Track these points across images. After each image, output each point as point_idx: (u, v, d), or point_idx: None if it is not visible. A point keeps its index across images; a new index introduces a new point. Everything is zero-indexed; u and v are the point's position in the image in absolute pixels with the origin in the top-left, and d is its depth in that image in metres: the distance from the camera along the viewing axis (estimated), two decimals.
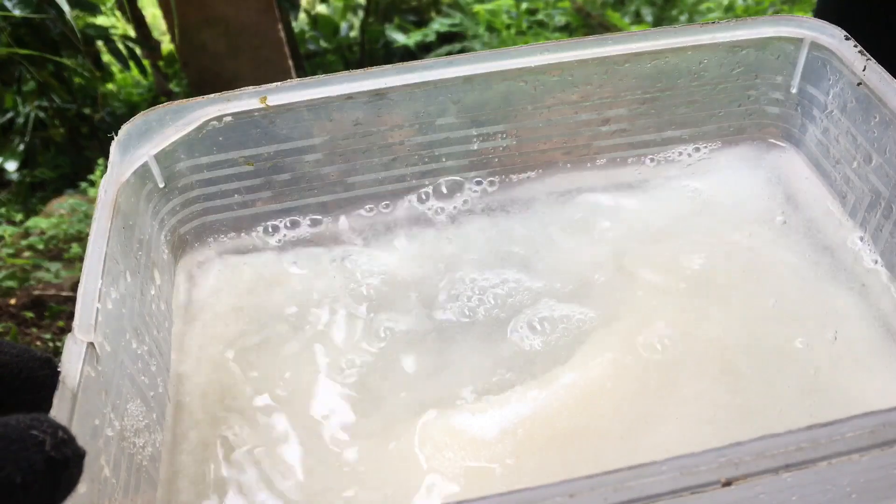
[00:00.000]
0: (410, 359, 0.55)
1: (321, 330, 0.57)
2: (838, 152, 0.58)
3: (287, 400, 0.53)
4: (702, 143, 0.65)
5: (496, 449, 0.47)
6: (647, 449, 0.46)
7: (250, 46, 1.90)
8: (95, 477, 0.38)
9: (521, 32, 2.30)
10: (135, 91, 2.50)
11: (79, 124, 2.08)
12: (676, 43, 0.60)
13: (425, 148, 0.62)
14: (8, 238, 1.68)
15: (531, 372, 0.52)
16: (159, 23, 2.64)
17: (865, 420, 0.32)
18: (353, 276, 0.61)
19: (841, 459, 0.31)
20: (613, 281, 0.58)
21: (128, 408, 0.45)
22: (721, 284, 0.57)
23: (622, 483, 0.30)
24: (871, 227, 0.55)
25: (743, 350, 0.52)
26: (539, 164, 0.65)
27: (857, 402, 0.48)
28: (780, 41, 0.60)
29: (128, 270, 0.49)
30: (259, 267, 0.63)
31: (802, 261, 0.57)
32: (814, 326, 0.53)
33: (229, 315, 0.59)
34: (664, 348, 0.52)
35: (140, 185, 0.55)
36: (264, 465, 0.49)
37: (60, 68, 1.85)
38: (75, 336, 0.40)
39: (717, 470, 0.31)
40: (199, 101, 0.58)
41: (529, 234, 0.63)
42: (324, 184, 0.63)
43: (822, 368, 0.50)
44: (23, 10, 1.49)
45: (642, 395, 0.49)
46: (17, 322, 1.41)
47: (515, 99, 0.61)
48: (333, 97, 0.59)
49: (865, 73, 0.53)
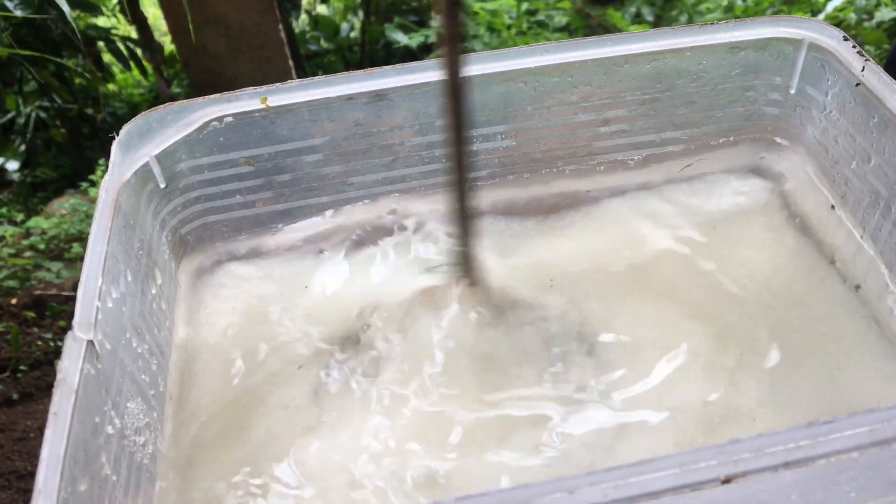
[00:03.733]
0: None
1: (321, 328, 0.57)
2: (837, 152, 0.58)
3: (288, 396, 0.53)
4: (701, 143, 0.65)
5: None
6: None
7: (251, 47, 1.90)
8: (96, 474, 0.39)
9: (521, 33, 2.30)
10: (136, 91, 2.50)
11: (80, 124, 2.08)
12: (676, 44, 0.60)
13: (425, 148, 0.63)
14: (9, 238, 1.68)
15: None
16: (160, 23, 2.64)
17: (864, 418, 0.32)
18: (355, 276, 0.62)
19: (840, 457, 0.31)
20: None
21: (128, 406, 0.45)
22: (721, 282, 0.57)
23: (622, 480, 0.30)
24: (870, 226, 0.55)
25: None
26: (539, 165, 0.65)
27: (856, 402, 0.48)
28: (780, 42, 0.60)
29: (128, 270, 0.50)
30: (259, 266, 0.63)
31: (801, 260, 0.58)
32: (814, 326, 0.53)
33: (230, 313, 0.59)
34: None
35: (141, 185, 0.56)
36: (265, 463, 0.49)
37: (61, 69, 1.85)
38: (75, 334, 0.41)
39: (716, 467, 0.31)
40: (200, 101, 0.58)
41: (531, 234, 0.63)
42: (324, 184, 0.63)
43: (821, 368, 0.50)
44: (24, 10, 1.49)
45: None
46: (18, 322, 1.41)
47: (515, 100, 0.61)
48: (334, 98, 0.59)
49: (864, 73, 0.53)
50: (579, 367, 0.52)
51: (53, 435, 0.36)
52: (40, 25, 1.67)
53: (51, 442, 0.36)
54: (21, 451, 1.19)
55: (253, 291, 0.61)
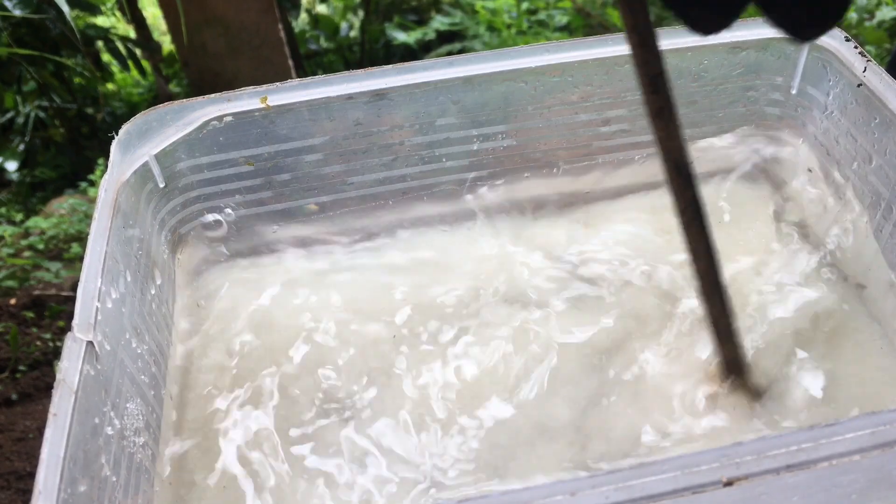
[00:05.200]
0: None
1: (321, 328, 0.57)
2: (838, 153, 0.58)
3: (288, 395, 0.53)
4: (702, 143, 0.65)
5: None
6: None
7: (250, 46, 1.90)
8: (95, 475, 0.38)
9: (521, 32, 2.30)
10: (135, 91, 2.49)
11: (79, 124, 2.08)
12: (677, 44, 0.60)
13: (425, 148, 0.62)
14: (8, 238, 1.68)
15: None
16: (159, 23, 2.63)
17: (866, 421, 0.32)
18: (354, 275, 0.61)
19: (842, 460, 0.31)
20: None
21: (128, 407, 0.45)
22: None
23: (623, 482, 0.30)
24: (871, 227, 0.55)
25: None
26: (539, 165, 0.65)
27: (856, 402, 0.48)
28: (781, 42, 0.60)
29: (128, 270, 0.50)
30: (259, 266, 0.63)
31: (801, 260, 0.57)
32: (813, 325, 0.53)
33: (229, 314, 0.59)
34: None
35: (140, 184, 0.55)
36: (265, 462, 0.49)
37: (60, 68, 1.84)
38: (75, 334, 0.41)
39: (718, 469, 0.31)
40: (199, 100, 0.58)
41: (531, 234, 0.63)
42: (324, 184, 0.63)
43: (820, 367, 0.50)
44: (23, 9, 1.49)
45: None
46: (17, 322, 1.41)
47: (516, 99, 0.61)
48: (334, 97, 0.59)
49: (865, 74, 0.53)
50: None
51: (53, 435, 0.36)
52: (39, 25, 1.67)
53: (50, 442, 0.36)
54: (20, 452, 1.19)
55: (253, 291, 0.61)
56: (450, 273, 0.60)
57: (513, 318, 0.56)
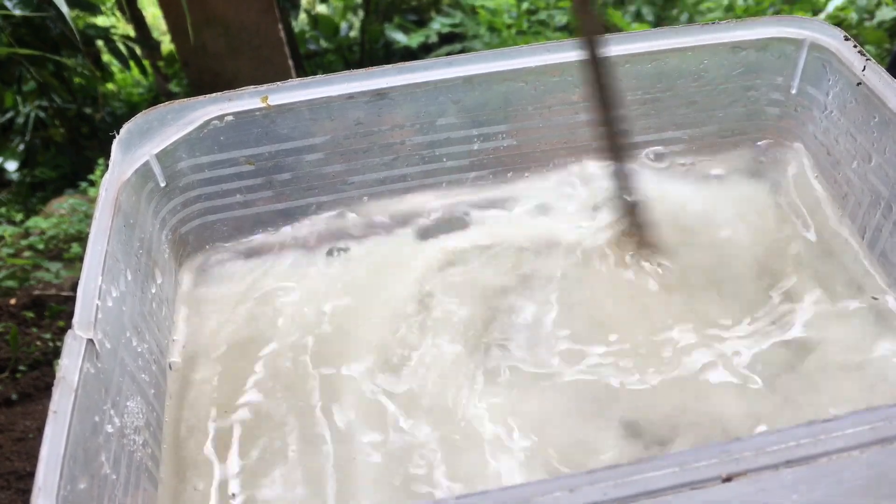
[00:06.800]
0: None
1: (323, 327, 0.57)
2: (838, 152, 0.58)
3: (288, 394, 0.53)
4: (702, 143, 0.65)
5: None
6: None
7: (250, 46, 1.90)
8: (95, 473, 0.38)
9: (521, 32, 2.30)
10: (135, 91, 2.50)
11: (79, 124, 2.08)
12: (677, 43, 0.60)
13: (426, 148, 0.63)
14: (8, 238, 1.68)
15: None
16: (159, 23, 2.64)
17: (865, 416, 0.32)
18: (354, 274, 0.61)
19: (841, 456, 0.31)
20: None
21: (128, 405, 0.45)
22: (720, 280, 0.57)
23: (622, 478, 0.30)
24: (871, 227, 0.55)
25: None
26: (540, 165, 0.65)
27: (855, 401, 0.48)
28: (781, 42, 0.60)
29: (128, 269, 0.50)
30: (260, 265, 0.63)
31: (801, 260, 0.58)
32: (813, 325, 0.53)
33: (230, 313, 0.59)
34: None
35: (141, 184, 0.55)
36: (266, 460, 0.49)
37: (60, 68, 1.85)
38: (75, 332, 0.41)
39: (717, 465, 0.31)
40: (200, 100, 0.58)
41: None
42: (325, 183, 0.63)
43: (820, 367, 0.50)
44: (23, 9, 1.50)
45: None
46: (17, 322, 1.41)
47: (516, 99, 0.61)
48: (334, 97, 0.59)
49: (865, 73, 0.53)
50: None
51: (53, 433, 0.36)
52: (39, 25, 1.67)
53: (50, 440, 0.36)
54: (20, 452, 1.19)
55: (253, 291, 0.61)
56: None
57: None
